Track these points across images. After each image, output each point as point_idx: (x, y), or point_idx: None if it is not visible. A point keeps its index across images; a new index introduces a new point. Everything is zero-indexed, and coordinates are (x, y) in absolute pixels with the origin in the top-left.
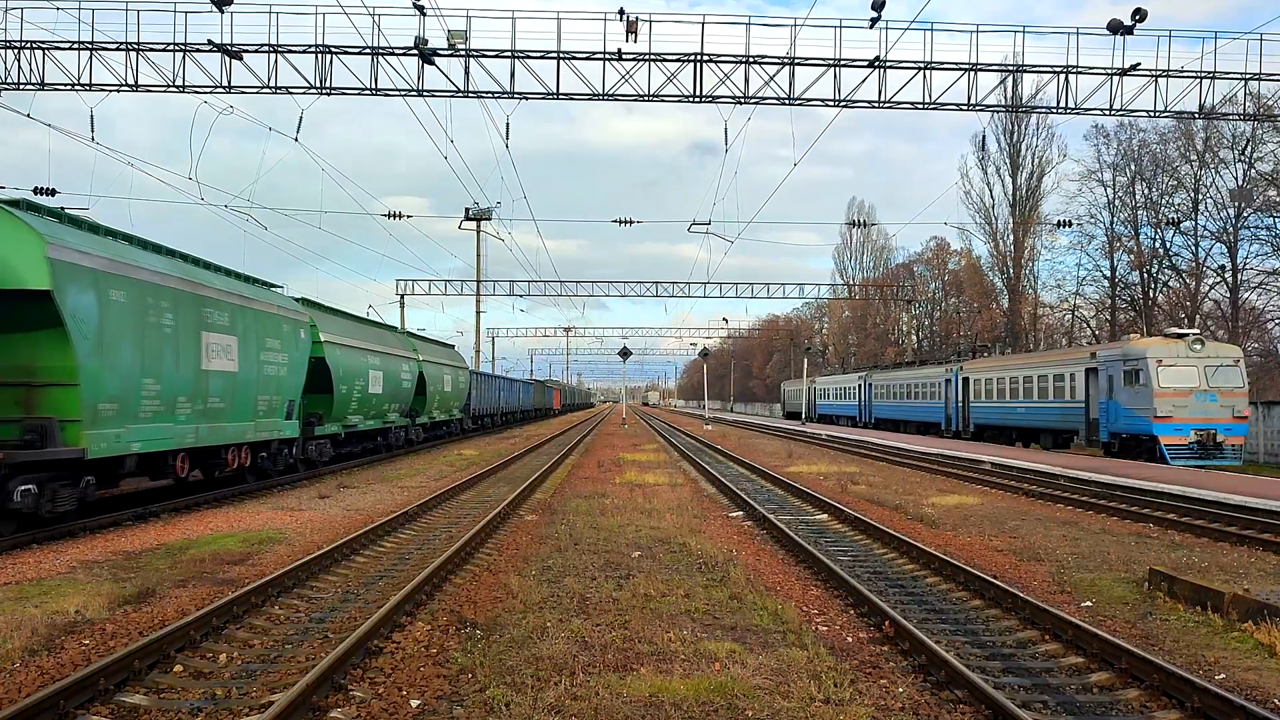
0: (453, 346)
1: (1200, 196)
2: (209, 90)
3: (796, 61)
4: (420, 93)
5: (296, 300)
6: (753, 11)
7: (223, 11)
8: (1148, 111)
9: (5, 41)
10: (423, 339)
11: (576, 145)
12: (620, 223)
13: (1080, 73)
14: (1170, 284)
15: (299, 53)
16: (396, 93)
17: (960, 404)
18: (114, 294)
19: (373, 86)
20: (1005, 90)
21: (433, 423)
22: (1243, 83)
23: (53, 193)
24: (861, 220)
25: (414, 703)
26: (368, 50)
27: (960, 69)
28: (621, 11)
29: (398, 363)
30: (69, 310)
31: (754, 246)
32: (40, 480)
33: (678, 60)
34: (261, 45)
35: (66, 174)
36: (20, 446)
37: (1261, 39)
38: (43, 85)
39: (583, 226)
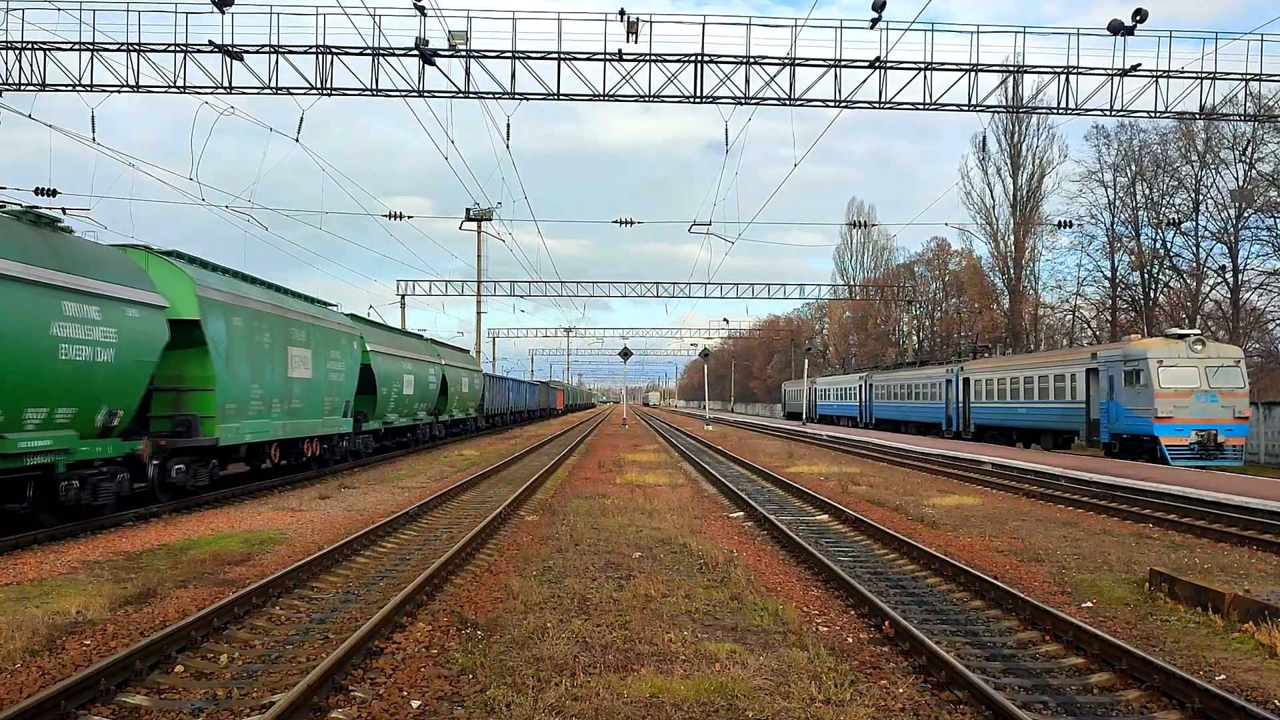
0: (468, 352)
1: (1201, 197)
2: (210, 91)
3: (797, 62)
4: (421, 93)
5: (347, 316)
6: (758, 11)
7: (223, 12)
8: (1148, 112)
9: (6, 42)
10: (444, 345)
11: (583, 145)
12: (621, 223)
13: (1081, 73)
14: (1171, 284)
15: (300, 53)
16: (397, 93)
17: (961, 404)
18: (235, 320)
19: (373, 87)
20: (1006, 91)
21: (453, 420)
22: (1243, 83)
23: (53, 193)
24: (862, 221)
25: (415, 703)
26: (368, 51)
27: (961, 69)
28: (622, 12)
29: (425, 367)
30: (209, 334)
31: (757, 247)
32: (186, 461)
33: (678, 61)
34: (262, 46)
35: (68, 174)
36: (173, 436)
37: (1262, 39)
38: (44, 86)
39: (587, 227)
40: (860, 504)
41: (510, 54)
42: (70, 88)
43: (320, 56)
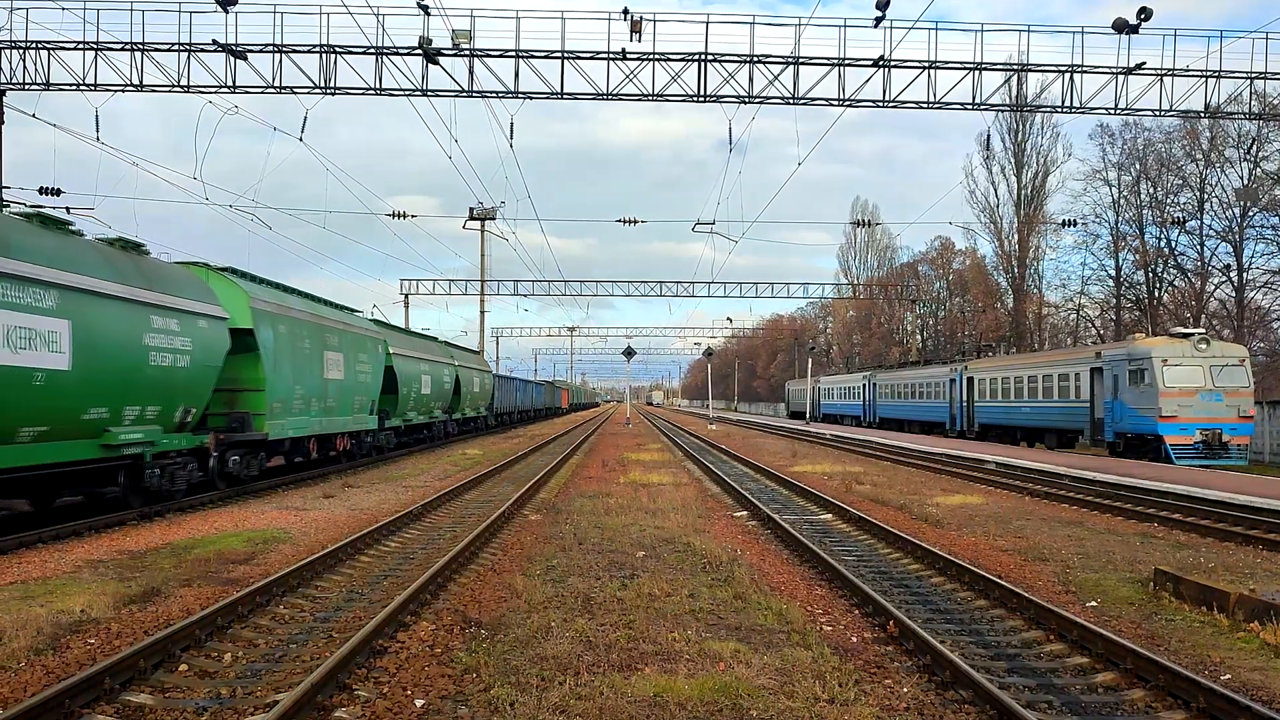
0: (479, 353)
1: (1205, 196)
2: (214, 90)
3: (801, 61)
4: (425, 93)
5: (372, 321)
6: (764, 9)
7: (227, 11)
8: (1153, 111)
9: (11, 41)
10: (457, 347)
11: (591, 144)
12: (624, 222)
13: (1085, 72)
14: (1175, 283)
15: (303, 52)
16: (401, 92)
17: (965, 404)
18: (281, 328)
19: (377, 86)
20: (1010, 89)
21: (465, 418)
22: (1248, 82)
23: (58, 192)
24: (866, 220)
25: (419, 702)
26: (372, 50)
27: (965, 68)
28: (626, 11)
29: (440, 368)
30: (261, 341)
31: (762, 246)
32: (241, 454)
33: (682, 60)
34: (266, 45)
35: (73, 173)
36: (229, 431)
37: (1267, 38)
38: (48, 85)
39: (592, 226)
40: (864, 503)
41: (514, 53)
42: (75, 87)
43: (324, 56)
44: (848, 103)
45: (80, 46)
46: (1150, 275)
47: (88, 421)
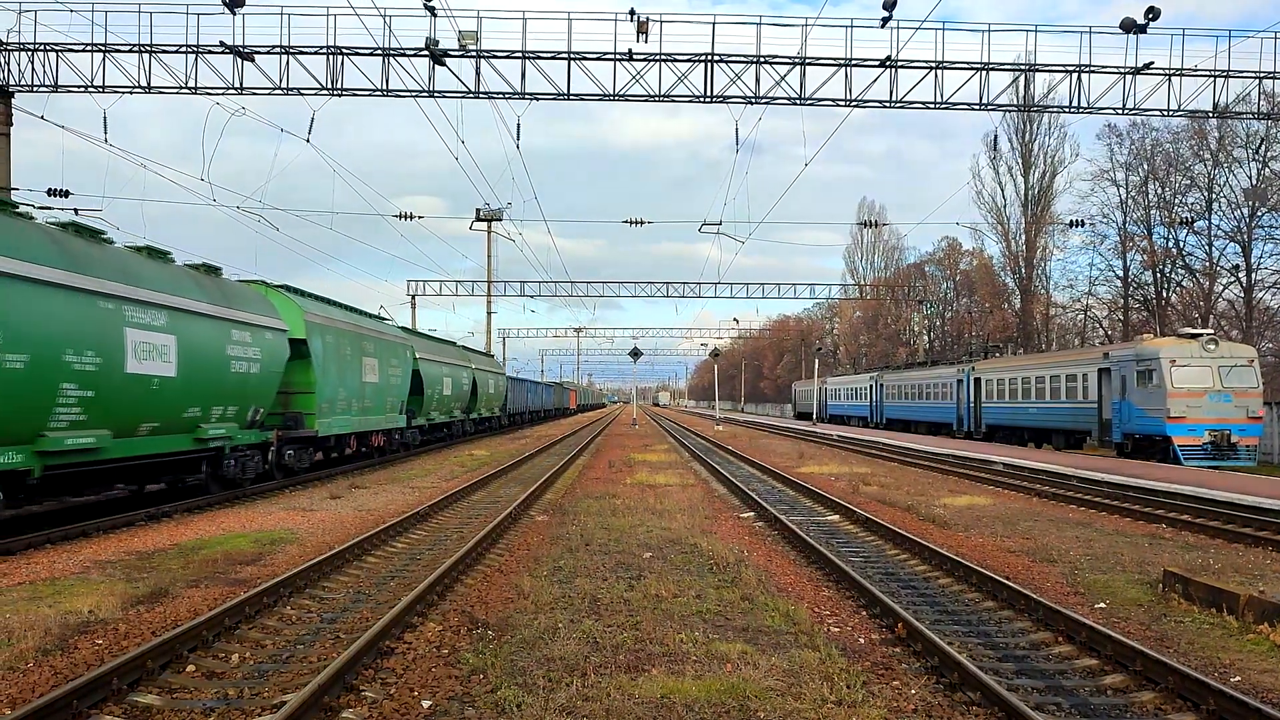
0: (493, 357)
1: (1214, 196)
2: (221, 91)
3: (807, 61)
4: (431, 94)
5: (400, 328)
6: (773, 9)
7: (234, 13)
8: (1161, 110)
9: (19, 44)
10: (474, 351)
11: (600, 144)
12: (631, 223)
13: (1093, 72)
14: (1184, 284)
15: (310, 54)
16: (407, 94)
17: (972, 404)
18: (328, 338)
19: (384, 87)
20: (1018, 89)
21: (481, 418)
22: (1257, 81)
23: (66, 194)
24: (872, 220)
25: (426, 703)
26: (379, 51)
27: (972, 68)
28: (632, 12)
29: (459, 371)
30: (312, 349)
31: (770, 246)
32: (295, 448)
33: (689, 60)
34: (273, 46)
35: (81, 175)
36: (285, 429)
37: (1276, 37)
38: (56, 87)
39: (601, 227)
40: (871, 504)
41: (520, 54)
42: (83, 89)
43: (331, 57)
44: (854, 103)
45: (88, 49)
46: (1158, 276)
47: (186, 419)
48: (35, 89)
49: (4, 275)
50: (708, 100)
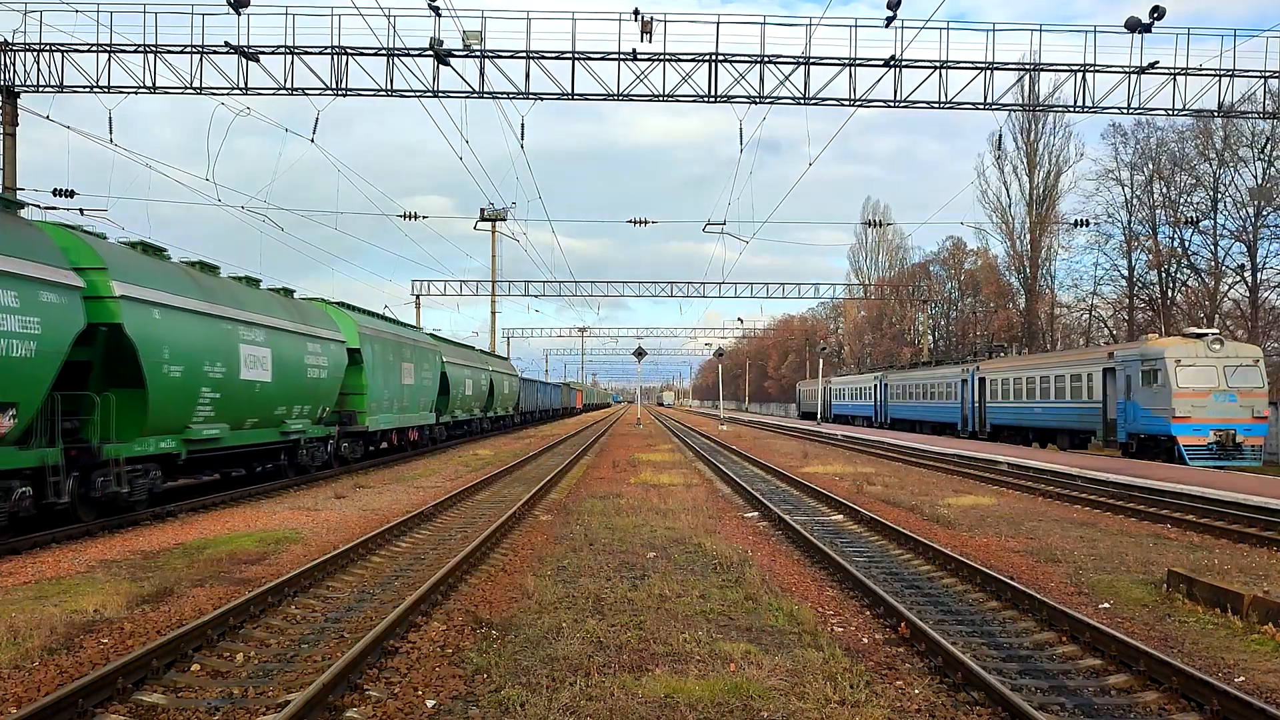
0: (507, 359)
1: (1219, 195)
2: (226, 92)
3: (812, 61)
4: (436, 94)
5: (430, 335)
6: (778, 9)
7: (239, 13)
8: (1166, 110)
9: (25, 44)
10: (490, 354)
11: (608, 144)
12: (635, 223)
13: (1098, 71)
14: (1189, 283)
15: (315, 54)
16: (412, 94)
17: (976, 404)
18: (375, 347)
19: (388, 87)
20: (1022, 89)
21: (496, 416)
22: (1262, 81)
23: (71, 194)
24: (876, 220)
25: (430, 703)
26: (383, 51)
27: (977, 68)
28: (636, 11)
29: (478, 373)
30: (365, 357)
31: (777, 246)
32: (349, 441)
33: (693, 60)
34: (278, 47)
35: (87, 175)
36: (342, 425)
37: None
38: (61, 87)
39: (607, 226)
40: (875, 504)
41: (525, 54)
42: (88, 89)
43: (335, 57)
44: (859, 103)
45: (94, 49)
46: (1163, 275)
47: (276, 416)
48: (41, 89)
49: (170, 308)
50: (712, 100)
